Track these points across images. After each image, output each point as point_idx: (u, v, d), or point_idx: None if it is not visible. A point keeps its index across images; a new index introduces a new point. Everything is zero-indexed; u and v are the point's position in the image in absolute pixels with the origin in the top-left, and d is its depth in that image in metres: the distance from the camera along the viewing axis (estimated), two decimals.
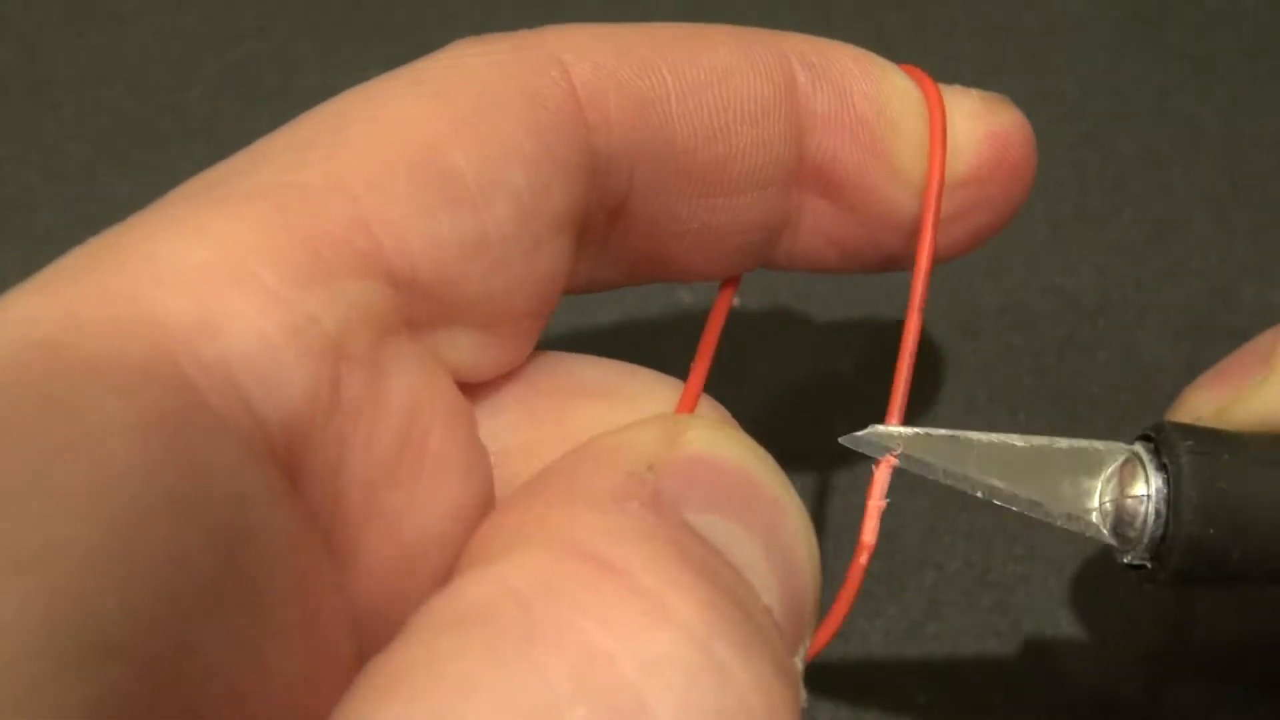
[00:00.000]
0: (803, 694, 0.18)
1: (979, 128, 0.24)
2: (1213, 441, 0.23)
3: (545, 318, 0.22)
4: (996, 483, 0.23)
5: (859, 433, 0.22)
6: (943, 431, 0.22)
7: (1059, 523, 0.23)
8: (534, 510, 0.17)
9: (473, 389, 0.22)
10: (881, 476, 0.22)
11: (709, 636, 0.16)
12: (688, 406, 0.23)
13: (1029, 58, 0.40)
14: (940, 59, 0.40)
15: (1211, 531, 0.23)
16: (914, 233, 0.24)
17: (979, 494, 0.23)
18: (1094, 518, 0.23)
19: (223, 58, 0.20)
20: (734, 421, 0.23)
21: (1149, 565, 0.23)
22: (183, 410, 0.16)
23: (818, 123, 0.23)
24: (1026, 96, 0.26)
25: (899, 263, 0.25)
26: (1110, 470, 0.23)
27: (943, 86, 0.24)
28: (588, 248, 0.22)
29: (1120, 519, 0.23)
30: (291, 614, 0.17)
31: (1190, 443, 0.23)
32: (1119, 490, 0.23)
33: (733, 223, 0.23)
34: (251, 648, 0.16)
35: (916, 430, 0.22)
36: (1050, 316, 0.35)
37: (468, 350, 0.20)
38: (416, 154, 0.19)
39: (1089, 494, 0.23)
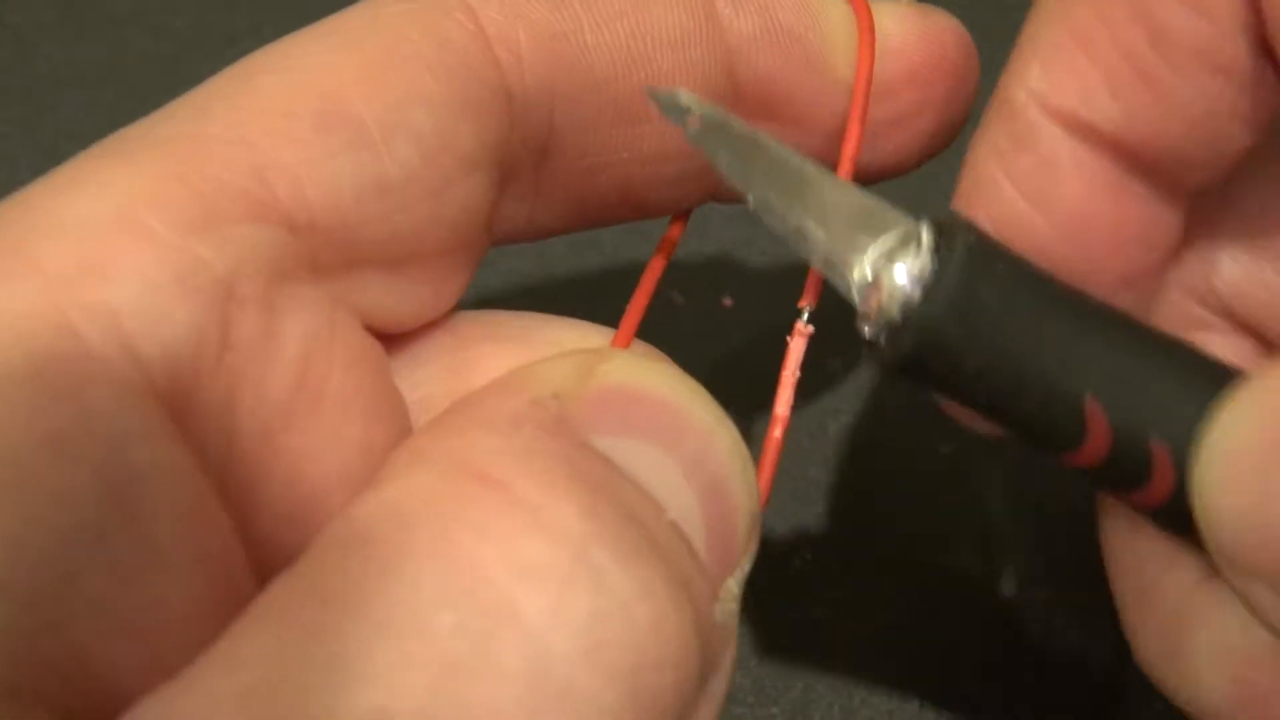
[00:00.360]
0: (723, 613, 0.18)
1: (911, 29, 0.24)
2: (997, 250, 0.22)
3: (468, 264, 0.22)
4: (773, 196, 0.22)
5: (661, 89, 0.22)
6: (745, 127, 0.22)
7: (814, 263, 0.22)
8: (431, 436, 0.18)
9: (397, 340, 0.22)
10: (796, 348, 0.22)
11: (586, 543, 0.16)
12: (621, 345, 0.22)
13: None
14: None
15: (954, 329, 0.21)
16: (866, 140, 0.24)
17: (750, 199, 0.22)
18: (852, 274, 0.22)
19: (219, 58, 0.20)
20: (667, 359, 0.23)
21: (882, 343, 0.22)
22: (64, 354, 0.16)
23: (745, 42, 0.23)
24: None
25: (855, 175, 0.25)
26: (887, 237, 0.22)
27: (876, 1, 0.24)
28: (519, 189, 0.23)
29: (876, 286, 0.22)
30: (181, 550, 0.17)
31: (972, 239, 0.22)
32: (886, 256, 0.22)
33: (665, 149, 0.23)
34: (138, 582, 0.17)
35: (720, 110, 0.22)
36: None
37: (380, 295, 0.21)
38: (317, 102, 0.19)
39: (858, 249, 0.22)
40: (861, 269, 0.22)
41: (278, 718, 0.14)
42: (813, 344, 0.23)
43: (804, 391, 0.23)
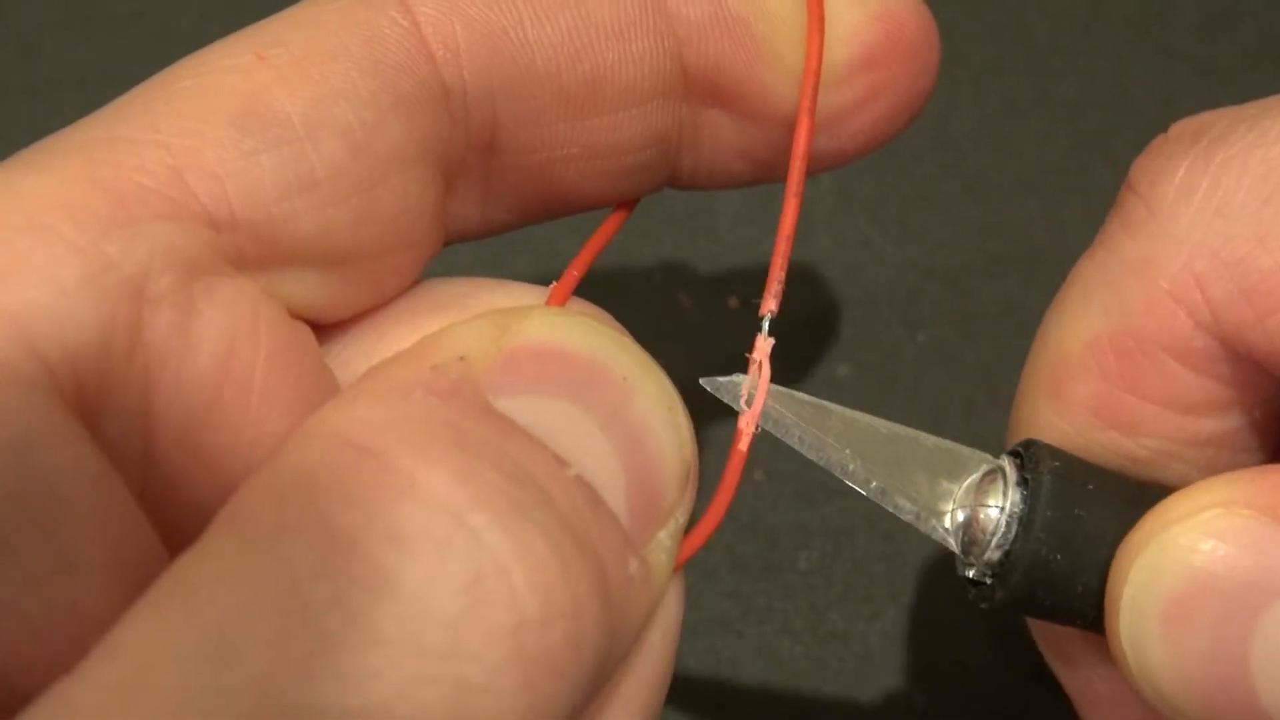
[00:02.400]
0: (651, 564, 0.19)
1: (865, 11, 0.24)
2: (1079, 468, 0.23)
3: (413, 261, 0.22)
4: (851, 462, 0.22)
5: (722, 379, 0.22)
6: (807, 397, 0.22)
7: (906, 517, 0.22)
8: (322, 410, 0.18)
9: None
10: (765, 372, 0.22)
11: (461, 506, 0.16)
12: (557, 303, 0.22)
13: (1030, 60, 0.40)
14: (941, 61, 0.40)
15: (1059, 557, 0.22)
16: (819, 129, 0.24)
17: (834, 470, 0.22)
18: (945, 521, 0.22)
19: None
20: (605, 315, 0.23)
21: (988, 581, 0.22)
22: None
23: (694, 32, 0.23)
24: (1027, 99, 0.26)
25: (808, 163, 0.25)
26: (972, 478, 0.23)
27: None
28: (467, 187, 0.23)
29: (971, 528, 0.22)
30: (96, 553, 0.17)
31: (1057, 464, 0.22)
32: (975, 499, 0.22)
33: (616, 142, 0.23)
34: (46, 585, 0.17)
35: (781, 389, 0.22)
36: None
37: (315, 289, 0.21)
38: (238, 102, 0.19)
39: (944, 496, 0.23)
40: (954, 516, 0.23)
41: (157, 700, 0.15)
42: (816, 350, 0.23)
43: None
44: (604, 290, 0.33)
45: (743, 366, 0.22)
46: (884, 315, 0.35)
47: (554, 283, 0.22)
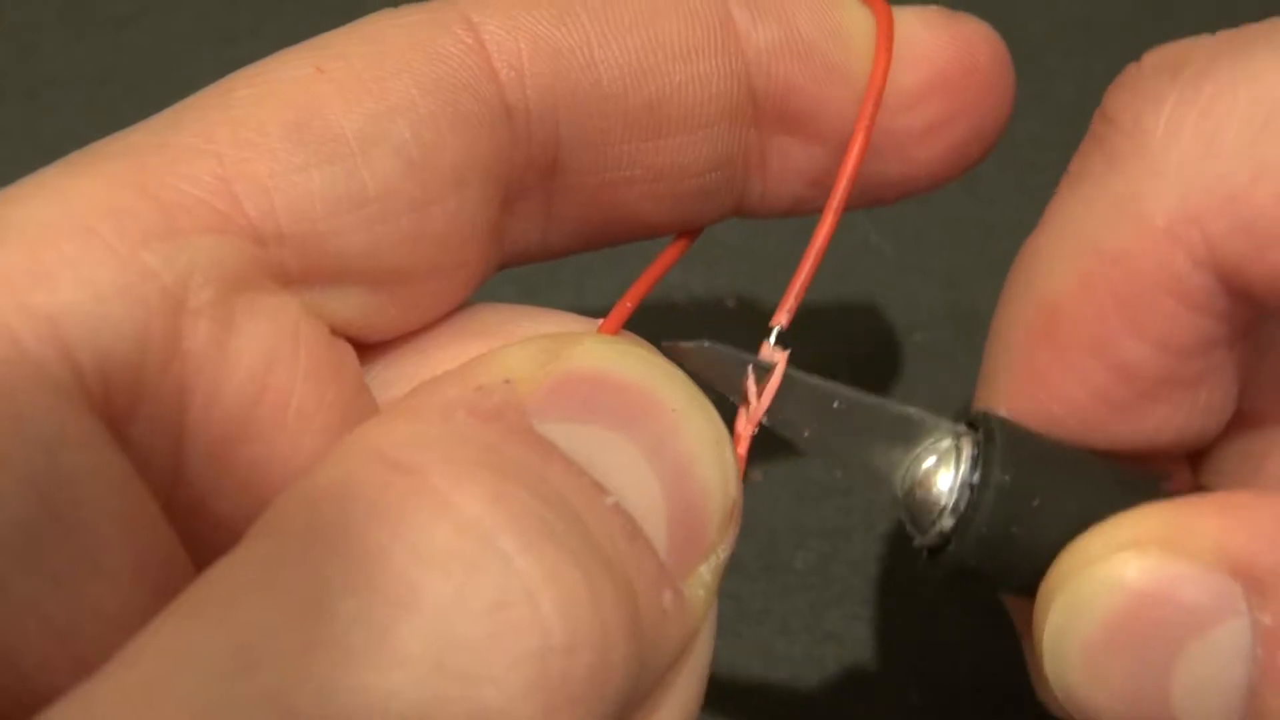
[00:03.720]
0: (685, 599, 0.18)
1: (939, 35, 0.24)
2: (1031, 441, 0.23)
3: (464, 282, 0.22)
4: (810, 428, 0.22)
5: (686, 343, 0.21)
6: (767, 361, 0.22)
7: (865, 482, 0.22)
8: (364, 426, 0.18)
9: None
10: (774, 380, 0.22)
11: (493, 530, 0.16)
12: (609, 332, 0.22)
13: (1027, 60, 0.40)
14: None
15: (1012, 529, 0.22)
16: (883, 153, 0.23)
17: (791, 436, 0.22)
18: (897, 489, 0.22)
19: (219, 58, 0.20)
20: (650, 347, 0.22)
21: (936, 549, 0.22)
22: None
23: (763, 55, 0.22)
24: (1025, 99, 0.26)
25: (876, 190, 0.25)
26: (927, 445, 0.22)
27: (901, 6, 0.23)
28: (528, 208, 0.22)
29: (923, 496, 0.22)
30: (119, 556, 0.17)
31: (1010, 435, 0.22)
32: (929, 467, 0.22)
33: (679, 165, 0.23)
34: (70, 585, 0.17)
35: (745, 355, 0.22)
36: None
37: (360, 308, 0.20)
38: (292, 114, 0.19)
39: (898, 464, 0.22)
40: (906, 484, 0.22)
41: (172, 707, 0.14)
42: (815, 350, 0.23)
43: None
44: (598, 289, 0.33)
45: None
46: (883, 315, 0.35)
47: (606, 315, 0.22)
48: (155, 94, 0.41)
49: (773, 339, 0.22)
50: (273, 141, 0.19)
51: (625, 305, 0.22)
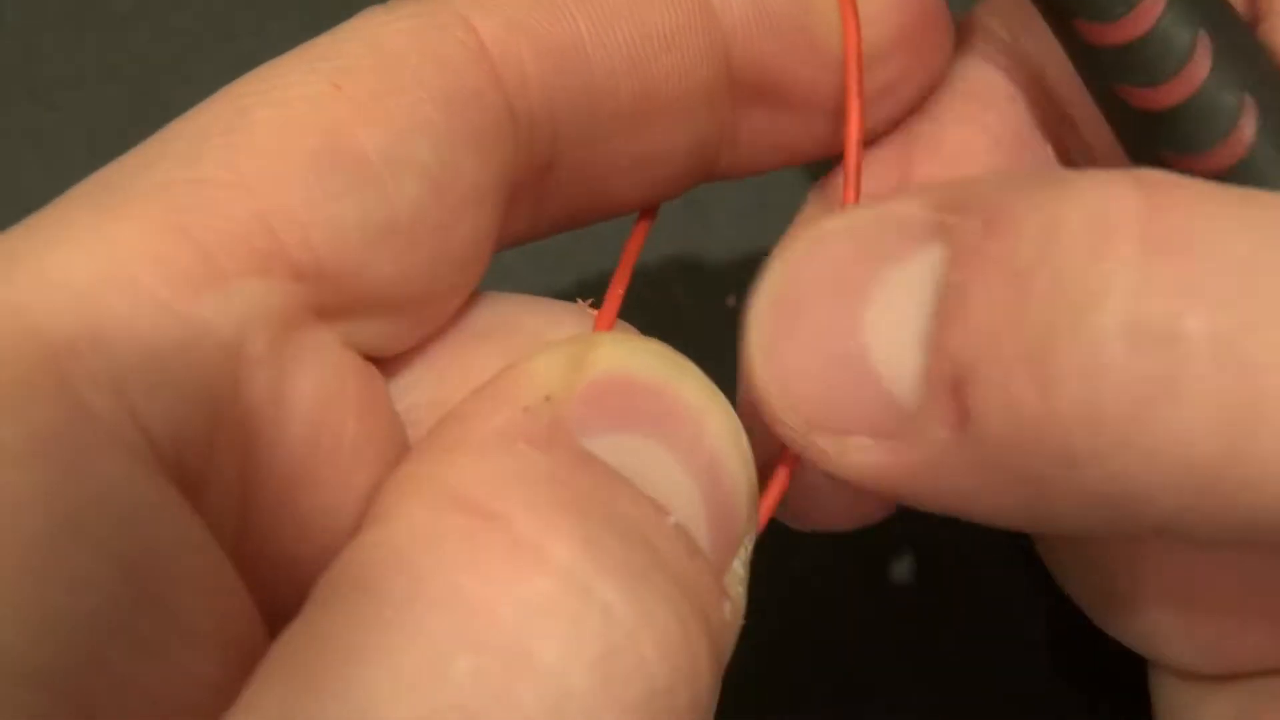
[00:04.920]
0: (730, 596, 0.18)
1: None
2: None
3: (468, 287, 0.21)
4: None
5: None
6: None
7: None
8: (422, 462, 0.17)
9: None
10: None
11: (590, 578, 0.16)
12: (604, 328, 0.22)
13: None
14: None
15: None
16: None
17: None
18: None
19: (220, 57, 0.20)
20: (656, 341, 0.22)
21: None
22: (72, 428, 0.16)
23: (738, 31, 0.22)
24: None
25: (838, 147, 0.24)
26: None
27: None
28: (520, 207, 0.22)
29: None
30: (202, 620, 0.17)
31: None
32: None
33: (663, 150, 0.23)
34: (161, 656, 0.16)
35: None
36: None
37: (381, 332, 0.20)
38: (318, 140, 0.18)
39: None
40: None
41: None
42: None
43: None
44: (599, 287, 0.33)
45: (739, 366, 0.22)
46: None
47: (581, 298, 0.22)
48: (155, 94, 0.41)
49: None
50: (300, 172, 0.18)
51: (616, 293, 0.22)
